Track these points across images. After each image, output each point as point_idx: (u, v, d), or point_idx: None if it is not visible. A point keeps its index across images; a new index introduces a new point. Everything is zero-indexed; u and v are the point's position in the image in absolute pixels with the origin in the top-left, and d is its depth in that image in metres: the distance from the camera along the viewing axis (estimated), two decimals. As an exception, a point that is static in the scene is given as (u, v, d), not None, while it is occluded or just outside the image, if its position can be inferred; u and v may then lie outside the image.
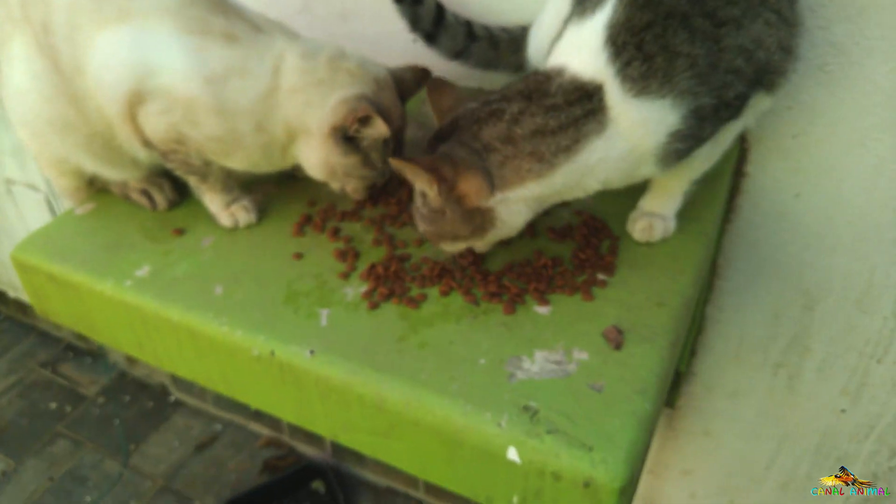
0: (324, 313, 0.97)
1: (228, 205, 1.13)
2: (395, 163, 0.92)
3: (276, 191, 1.22)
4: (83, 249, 1.10)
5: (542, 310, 0.96)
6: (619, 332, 0.91)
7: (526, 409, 0.82)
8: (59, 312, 1.15)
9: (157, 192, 1.17)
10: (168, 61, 0.99)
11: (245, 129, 1.03)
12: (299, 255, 1.07)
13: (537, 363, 0.88)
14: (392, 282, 1.01)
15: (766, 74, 0.94)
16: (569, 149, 0.90)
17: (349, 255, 1.07)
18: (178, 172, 1.11)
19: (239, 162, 1.08)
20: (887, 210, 1.24)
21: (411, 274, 1.03)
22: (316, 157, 1.06)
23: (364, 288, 1.01)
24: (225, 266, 1.06)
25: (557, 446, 0.78)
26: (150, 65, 0.99)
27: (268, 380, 0.95)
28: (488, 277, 1.00)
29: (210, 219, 1.15)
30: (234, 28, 1.02)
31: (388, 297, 0.99)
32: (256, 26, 1.04)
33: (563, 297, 0.98)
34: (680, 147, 0.92)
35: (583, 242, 1.06)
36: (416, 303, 0.98)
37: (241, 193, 1.15)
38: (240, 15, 1.04)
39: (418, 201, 0.98)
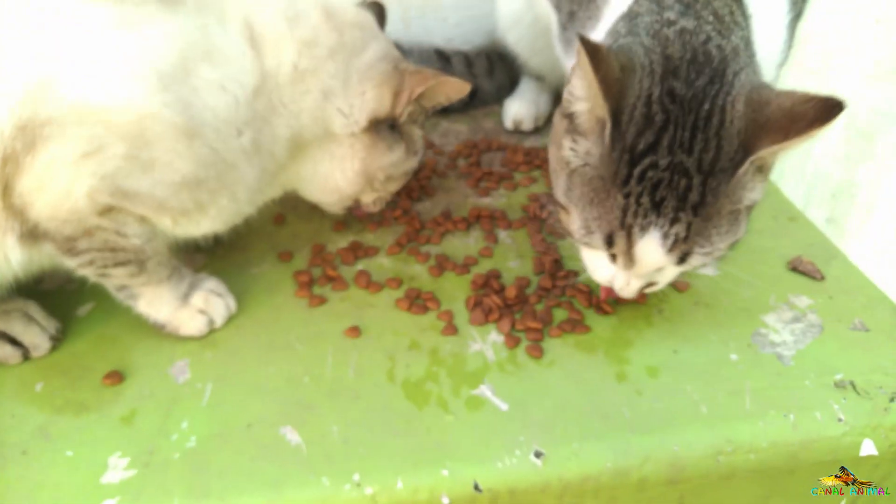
0: (488, 393, 0.62)
1: (186, 297, 0.66)
2: None
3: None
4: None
5: (709, 271, 0.75)
6: (805, 260, 0.76)
7: (839, 385, 0.63)
8: None
9: (24, 328, 0.62)
10: (82, 57, 0.51)
11: (235, 154, 0.59)
12: (356, 331, 0.67)
13: (781, 331, 0.68)
14: (524, 310, 0.69)
15: None
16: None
17: (424, 300, 0.71)
18: (90, 271, 0.60)
19: (214, 217, 0.62)
20: None
21: (529, 291, 0.72)
22: (344, 170, 0.69)
23: (495, 334, 0.67)
24: (254, 397, 0.61)
25: (914, 411, 0.61)
26: (48, 69, 0.49)
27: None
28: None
29: (155, 333, 0.66)
30: None
31: (541, 332, 0.67)
32: None
33: (706, 248, 0.79)
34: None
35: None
36: (583, 325, 0.68)
37: (192, 273, 0.68)
38: None
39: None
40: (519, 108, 1.00)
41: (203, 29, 0.57)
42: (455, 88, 0.69)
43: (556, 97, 1.03)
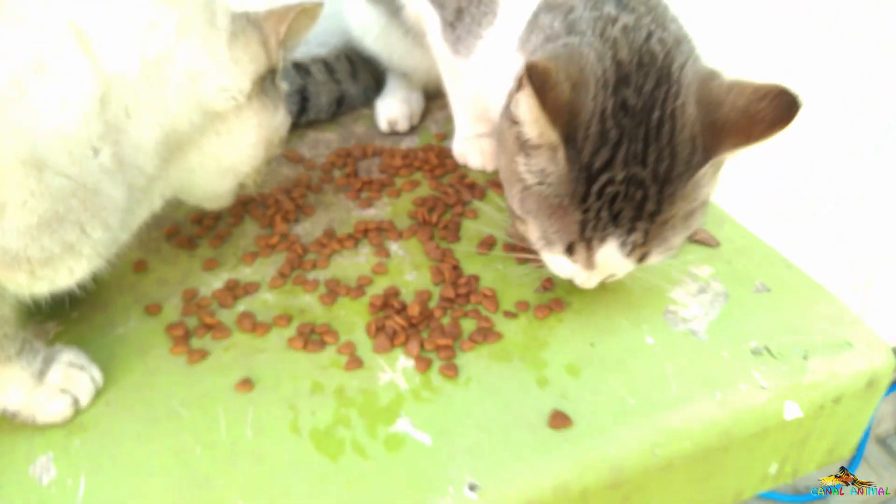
0: (407, 428, 0.56)
1: (41, 375, 0.56)
2: None
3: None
4: None
5: (608, 253, 0.73)
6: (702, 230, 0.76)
7: (756, 352, 0.62)
8: None
9: None
10: None
11: (95, 176, 0.50)
12: (248, 384, 0.60)
13: (689, 305, 0.67)
14: (431, 326, 0.64)
15: None
16: None
17: (319, 334, 0.64)
18: None
19: (91, 256, 0.53)
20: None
21: (433, 305, 0.67)
22: (238, 145, 0.63)
23: (404, 359, 0.62)
24: (138, 482, 0.52)
25: (829, 365, 0.61)
26: None
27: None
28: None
29: (8, 428, 0.55)
30: None
31: (452, 348, 0.62)
32: None
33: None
34: None
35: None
36: (494, 333, 0.64)
37: (45, 346, 0.58)
38: None
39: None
40: (392, 108, 0.94)
41: (29, 42, 0.48)
42: (311, 13, 0.65)
43: (428, 95, 0.98)
